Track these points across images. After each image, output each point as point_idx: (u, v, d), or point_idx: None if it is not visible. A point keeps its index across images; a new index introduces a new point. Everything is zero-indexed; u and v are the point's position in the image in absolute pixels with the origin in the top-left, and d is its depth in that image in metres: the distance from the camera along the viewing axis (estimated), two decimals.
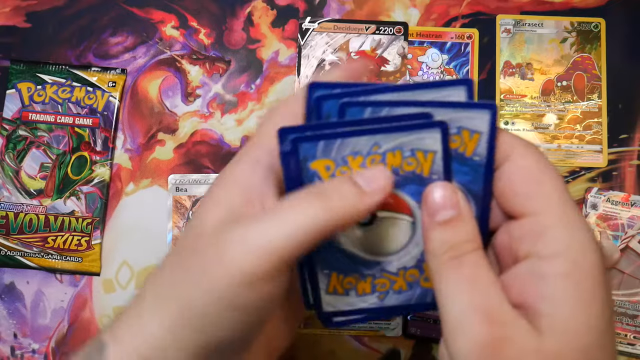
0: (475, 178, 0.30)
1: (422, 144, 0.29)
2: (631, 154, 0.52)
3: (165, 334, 0.25)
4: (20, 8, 0.54)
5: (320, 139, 0.28)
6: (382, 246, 0.30)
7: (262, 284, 0.25)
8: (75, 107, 0.52)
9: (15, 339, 0.50)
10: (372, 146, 0.29)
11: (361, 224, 0.30)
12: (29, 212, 0.51)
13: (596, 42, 0.54)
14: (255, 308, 0.26)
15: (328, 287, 0.31)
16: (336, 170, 0.29)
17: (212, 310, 0.25)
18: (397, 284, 0.31)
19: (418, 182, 0.30)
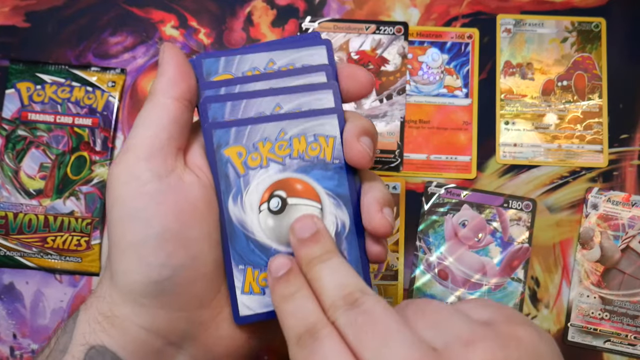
0: (340, 181, 0.32)
1: (323, 130, 0.32)
2: (632, 154, 0.52)
3: (113, 294, 0.30)
4: (20, 8, 0.54)
5: (232, 126, 0.31)
6: None
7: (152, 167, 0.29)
8: (75, 107, 0.52)
9: (15, 340, 0.50)
10: (279, 132, 0.31)
11: (272, 211, 0.31)
12: (28, 212, 0.51)
13: (597, 41, 0.54)
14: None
15: (244, 286, 0.31)
16: (248, 157, 0.31)
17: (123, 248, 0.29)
18: None
19: (323, 167, 0.32)
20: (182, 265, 0.29)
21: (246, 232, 0.31)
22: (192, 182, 0.30)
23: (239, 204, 0.31)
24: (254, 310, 0.31)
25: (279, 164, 0.32)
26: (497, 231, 0.51)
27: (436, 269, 0.51)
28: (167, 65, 0.31)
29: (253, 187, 0.31)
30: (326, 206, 0.31)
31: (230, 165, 0.31)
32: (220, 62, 0.32)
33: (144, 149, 0.29)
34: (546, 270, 0.51)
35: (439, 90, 0.53)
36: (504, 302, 0.50)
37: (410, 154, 0.52)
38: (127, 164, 0.29)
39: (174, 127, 0.30)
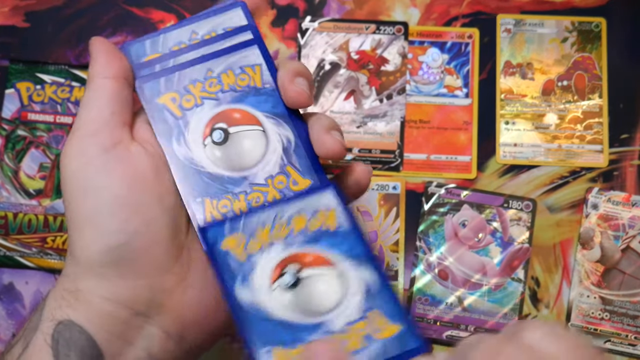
0: (275, 103, 0.34)
1: (247, 61, 0.34)
2: (632, 154, 0.52)
3: (75, 269, 0.31)
4: (19, 8, 0.54)
5: (160, 76, 0.33)
6: (242, 159, 0.33)
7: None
8: (75, 107, 0.52)
9: None
10: (206, 72, 0.34)
11: (216, 143, 0.33)
12: (28, 212, 0.51)
13: (597, 41, 0.54)
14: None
15: (205, 217, 0.32)
16: (182, 100, 0.33)
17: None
18: (270, 195, 0.33)
19: (255, 93, 0.34)
20: (137, 230, 0.30)
21: (196, 167, 0.33)
22: (139, 151, 0.32)
23: (183, 143, 0.33)
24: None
25: (213, 100, 0.34)
26: (497, 231, 0.51)
27: (436, 269, 0.51)
28: (97, 52, 0.32)
29: (193, 125, 0.33)
30: (268, 127, 0.33)
31: (167, 111, 0.33)
32: (146, 45, 0.34)
33: (88, 126, 0.31)
34: (546, 270, 0.51)
35: (439, 90, 0.53)
36: (504, 302, 0.50)
37: (410, 154, 0.52)
38: (73, 143, 0.31)
39: (115, 102, 0.32)
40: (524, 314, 0.50)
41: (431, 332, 0.50)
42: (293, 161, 0.33)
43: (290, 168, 0.33)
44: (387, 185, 0.52)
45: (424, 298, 0.50)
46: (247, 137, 0.33)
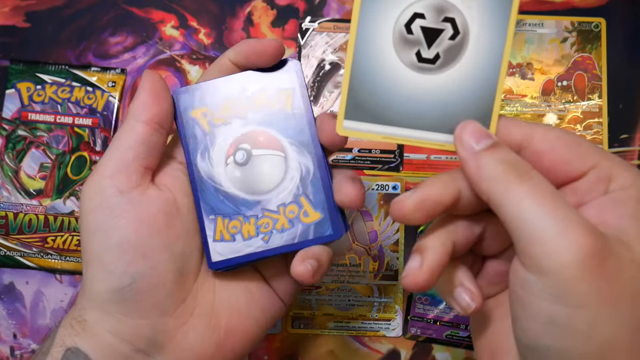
0: (301, 130, 0.34)
1: (281, 84, 0.34)
2: (632, 154, 0.52)
3: (83, 300, 0.32)
4: (20, 8, 0.54)
5: (197, 90, 0.34)
6: (260, 183, 0.34)
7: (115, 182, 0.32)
8: (75, 107, 0.52)
9: (15, 339, 0.50)
10: (240, 90, 0.34)
11: (238, 163, 0.34)
12: (28, 212, 0.51)
13: (597, 42, 0.54)
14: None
15: (215, 234, 0.33)
16: (213, 116, 0.34)
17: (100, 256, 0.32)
18: (279, 222, 0.33)
19: (283, 117, 0.34)
20: (141, 273, 0.31)
21: (215, 185, 0.34)
22: (154, 196, 0.32)
23: (207, 159, 0.34)
24: (225, 256, 0.33)
25: (241, 119, 0.34)
26: None
27: None
28: (141, 90, 0.33)
29: (219, 143, 0.34)
30: (289, 154, 0.34)
31: (197, 126, 0.34)
32: (196, 96, 0.34)
33: (109, 167, 0.32)
34: None
35: None
36: None
37: (410, 154, 0.52)
38: (93, 182, 0.32)
39: (141, 147, 0.32)
40: None
41: (431, 332, 0.50)
42: (308, 192, 0.33)
43: (304, 199, 0.33)
44: (387, 185, 0.52)
45: (424, 298, 0.50)
46: (268, 161, 0.34)
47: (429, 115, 0.29)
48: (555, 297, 0.24)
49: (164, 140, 0.33)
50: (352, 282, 0.50)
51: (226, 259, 0.33)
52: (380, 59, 0.29)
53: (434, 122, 0.29)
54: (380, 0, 0.28)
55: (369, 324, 0.50)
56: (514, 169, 0.26)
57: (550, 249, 0.24)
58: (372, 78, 0.29)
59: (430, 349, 0.51)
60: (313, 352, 0.50)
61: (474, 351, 0.50)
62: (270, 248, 0.33)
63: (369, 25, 0.29)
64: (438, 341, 0.50)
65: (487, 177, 0.26)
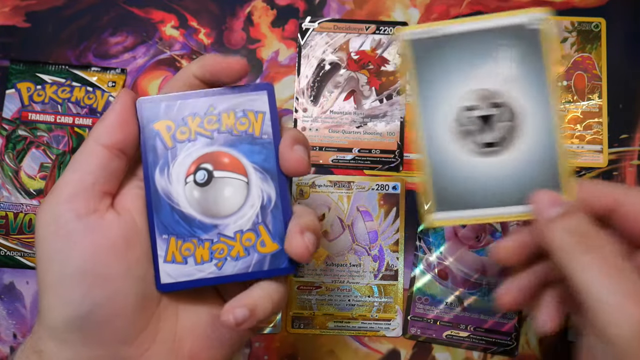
0: (267, 156, 0.33)
1: (253, 105, 0.33)
2: (632, 154, 0.52)
3: (40, 329, 0.31)
4: (20, 8, 0.54)
5: (162, 101, 0.32)
6: (218, 207, 0.32)
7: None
8: (75, 107, 0.52)
9: (15, 339, 0.50)
10: (208, 107, 0.32)
11: (198, 184, 0.32)
12: (28, 212, 0.51)
13: (596, 42, 0.54)
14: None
15: (167, 255, 0.32)
16: (177, 131, 0.32)
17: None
18: (234, 250, 0.32)
19: (250, 141, 0.33)
20: (100, 302, 0.30)
21: (171, 203, 0.32)
22: (112, 220, 0.31)
23: (166, 175, 0.32)
24: (175, 279, 0.32)
25: (207, 138, 0.33)
26: (497, 231, 0.51)
27: (436, 269, 0.51)
28: (110, 111, 0.32)
29: (180, 160, 0.32)
30: (252, 179, 0.33)
31: (159, 139, 0.32)
32: (161, 108, 0.33)
33: (66, 191, 0.30)
34: None
35: None
36: None
37: (410, 154, 0.52)
38: (49, 206, 0.30)
39: (100, 172, 0.31)
40: (523, 314, 0.50)
41: (431, 332, 0.50)
42: (267, 221, 0.32)
43: (263, 228, 0.32)
44: (387, 185, 0.52)
45: (424, 298, 0.50)
46: (230, 185, 0.32)
47: (506, 192, 0.31)
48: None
49: (125, 166, 0.32)
50: (352, 282, 0.50)
51: (176, 282, 0.32)
52: (450, 154, 0.32)
53: (511, 197, 0.31)
54: (435, 102, 0.32)
55: (369, 324, 0.50)
56: (582, 240, 0.28)
57: (609, 319, 0.26)
58: (448, 172, 0.32)
59: (430, 349, 0.51)
60: (313, 352, 0.50)
61: (473, 351, 0.50)
62: (222, 275, 0.32)
63: (431, 128, 0.32)
64: (438, 341, 0.50)
65: (557, 247, 0.28)
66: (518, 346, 0.50)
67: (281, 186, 0.33)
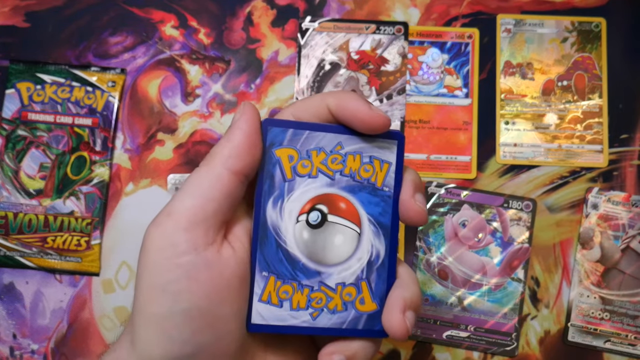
0: (385, 210, 0.31)
1: (380, 153, 0.31)
2: (632, 154, 0.52)
3: (132, 359, 0.28)
4: (20, 8, 0.54)
5: (290, 127, 0.30)
6: (326, 253, 0.30)
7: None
8: (75, 107, 0.52)
9: (15, 340, 0.50)
10: (335, 145, 0.30)
11: (310, 225, 0.30)
12: (28, 212, 0.51)
13: (597, 41, 0.54)
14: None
15: (263, 294, 0.30)
16: (298, 163, 0.30)
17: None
18: (332, 302, 0.30)
19: (371, 191, 0.31)
20: (206, 343, 0.28)
21: (278, 239, 0.30)
22: (229, 256, 0.28)
23: (278, 208, 0.30)
24: (266, 321, 0.30)
25: (328, 177, 0.30)
26: (497, 231, 0.51)
27: (436, 269, 0.51)
28: (237, 131, 0.29)
29: (297, 195, 0.30)
30: (365, 232, 0.31)
31: (279, 167, 0.30)
32: (287, 134, 0.30)
33: (186, 218, 0.27)
34: (546, 270, 0.51)
35: (439, 90, 0.53)
36: (504, 301, 0.50)
37: (410, 154, 0.52)
38: (165, 230, 0.27)
39: (224, 201, 0.28)
40: (524, 314, 0.50)
41: (431, 332, 0.50)
42: (371, 279, 0.31)
43: (365, 285, 0.31)
44: None
45: (424, 298, 0.50)
46: (341, 232, 0.30)
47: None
48: None
49: (244, 192, 0.29)
50: None
51: (267, 325, 0.30)
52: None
53: None
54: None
55: None
56: None
57: None
58: None
59: (430, 349, 0.51)
60: None
61: (473, 351, 0.50)
62: (316, 327, 0.30)
63: None
64: (438, 341, 0.50)
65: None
66: (518, 346, 0.50)
67: (392, 244, 0.31)
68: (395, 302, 0.30)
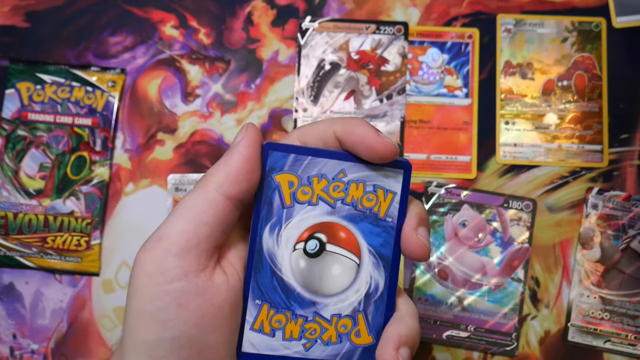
0: (386, 241, 0.30)
1: (385, 183, 0.30)
2: (632, 154, 0.52)
3: None
4: (20, 8, 0.54)
5: (291, 152, 0.29)
6: (322, 284, 0.30)
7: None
8: (75, 107, 0.52)
9: (15, 340, 0.50)
10: (338, 172, 0.29)
11: (307, 254, 0.29)
12: (28, 212, 0.51)
13: (597, 41, 0.54)
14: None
15: (255, 322, 0.29)
16: (298, 189, 0.29)
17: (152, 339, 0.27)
18: (327, 334, 0.30)
19: (373, 221, 0.30)
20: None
21: (273, 267, 0.29)
22: (221, 283, 0.27)
23: (275, 235, 0.29)
24: (257, 350, 0.29)
25: (328, 206, 0.29)
26: (497, 231, 0.51)
27: (436, 269, 0.51)
28: (236, 155, 0.28)
29: (295, 222, 0.29)
30: (364, 263, 0.30)
31: (278, 193, 0.29)
32: (288, 160, 0.29)
33: (178, 243, 0.27)
34: (546, 270, 0.51)
35: (439, 90, 0.53)
36: (504, 302, 0.50)
37: (410, 154, 0.52)
38: (155, 254, 0.27)
39: (217, 226, 0.27)
40: (524, 314, 0.50)
41: (431, 332, 0.50)
42: (368, 311, 0.30)
43: (362, 317, 0.30)
44: None
45: (424, 298, 0.50)
46: (340, 263, 0.30)
47: None
48: None
49: (239, 217, 0.29)
50: None
51: (258, 354, 0.29)
52: None
53: None
54: None
55: None
56: None
57: None
58: None
59: (430, 349, 0.51)
60: None
61: (473, 351, 0.50)
62: (308, 358, 0.29)
63: None
64: (438, 341, 0.50)
65: None
66: (518, 346, 0.50)
67: (392, 276, 0.30)
68: (390, 337, 0.29)
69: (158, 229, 0.27)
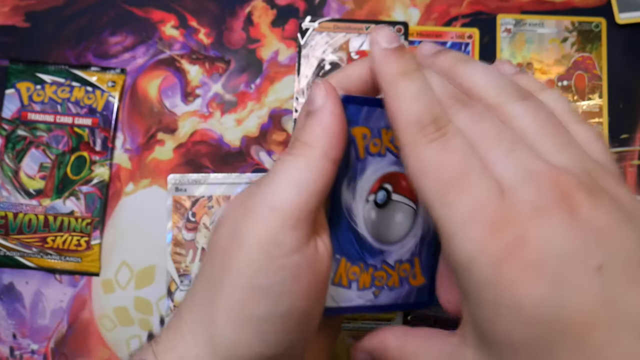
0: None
1: None
2: (632, 154, 0.52)
3: (205, 357, 0.26)
4: (19, 7, 0.54)
5: (365, 104, 0.28)
6: (388, 232, 0.30)
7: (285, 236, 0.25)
8: (75, 107, 0.52)
9: (15, 340, 0.50)
10: None
11: (377, 204, 0.30)
12: (28, 212, 0.51)
13: (597, 41, 0.54)
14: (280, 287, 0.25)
15: (335, 276, 0.29)
16: (370, 142, 0.29)
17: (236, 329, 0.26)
18: (392, 279, 0.30)
19: None
20: (297, 341, 0.27)
21: (350, 221, 0.29)
22: (323, 251, 0.27)
23: (352, 190, 0.29)
24: (337, 303, 0.29)
25: (394, 156, 0.29)
26: None
27: None
28: (328, 115, 0.26)
29: (368, 174, 0.29)
30: (420, 208, 0.30)
31: (353, 147, 0.28)
32: (363, 112, 0.29)
33: (292, 213, 0.25)
34: None
35: None
36: None
37: None
38: (271, 227, 0.25)
39: (325, 194, 0.26)
40: None
41: None
42: (422, 253, 0.31)
43: (417, 260, 0.31)
44: None
45: None
46: (402, 210, 0.30)
47: None
48: None
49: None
50: None
51: (338, 307, 0.29)
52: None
53: None
54: None
55: (369, 324, 0.50)
56: (404, 72, 0.26)
57: (455, 243, 0.24)
58: None
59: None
60: None
61: None
62: (377, 305, 0.30)
63: None
64: None
65: (381, 73, 0.26)
66: None
67: None
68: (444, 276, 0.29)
69: (264, 196, 0.26)
